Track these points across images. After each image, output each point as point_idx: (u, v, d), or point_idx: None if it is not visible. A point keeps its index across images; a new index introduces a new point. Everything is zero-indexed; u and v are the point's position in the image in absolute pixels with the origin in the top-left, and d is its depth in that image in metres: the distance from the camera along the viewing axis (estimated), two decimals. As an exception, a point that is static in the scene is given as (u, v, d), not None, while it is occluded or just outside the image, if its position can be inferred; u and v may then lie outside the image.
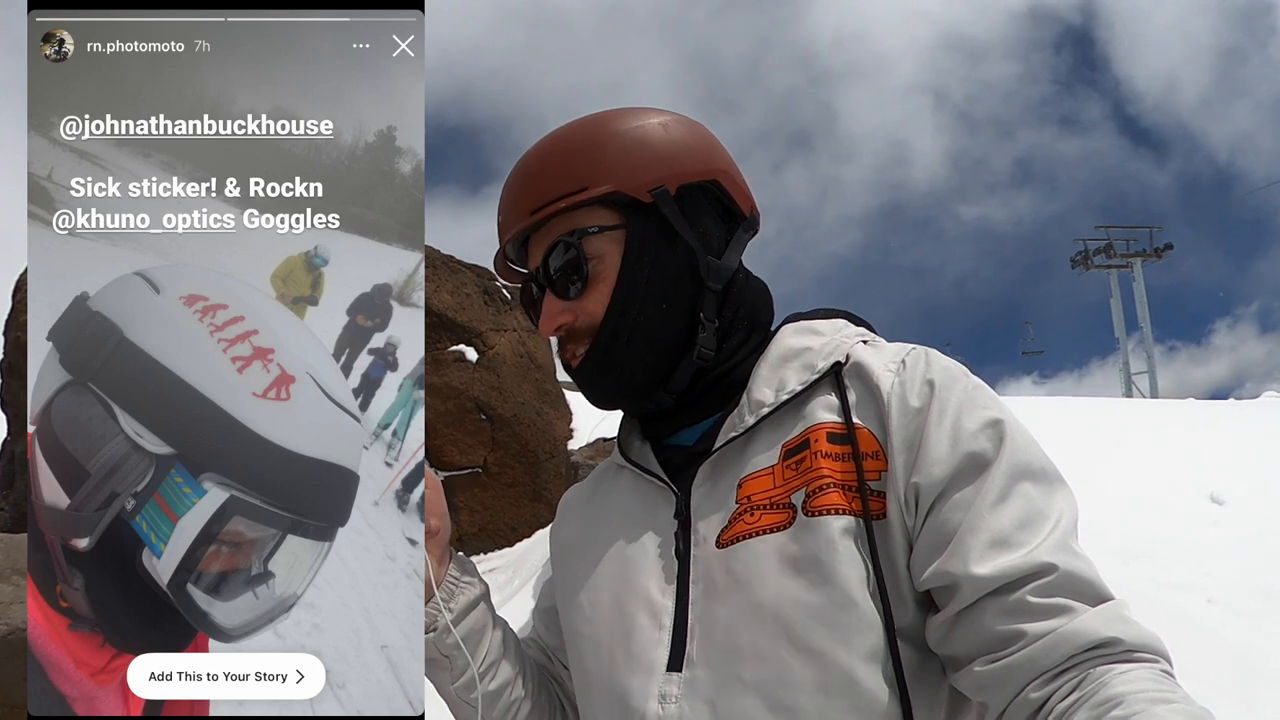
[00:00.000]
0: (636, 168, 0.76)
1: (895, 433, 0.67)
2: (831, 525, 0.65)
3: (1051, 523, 0.63)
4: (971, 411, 0.67)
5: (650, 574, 0.74)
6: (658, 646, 0.70)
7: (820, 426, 0.70)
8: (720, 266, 0.78)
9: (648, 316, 0.76)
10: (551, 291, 0.78)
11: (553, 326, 0.78)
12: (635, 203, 0.76)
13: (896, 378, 0.70)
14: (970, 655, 0.62)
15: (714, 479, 0.74)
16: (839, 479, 0.67)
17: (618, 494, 0.82)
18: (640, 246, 0.76)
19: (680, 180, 0.77)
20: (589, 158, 0.77)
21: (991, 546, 0.61)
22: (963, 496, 0.64)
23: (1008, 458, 0.65)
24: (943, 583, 0.63)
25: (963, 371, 0.71)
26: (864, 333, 0.79)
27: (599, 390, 0.80)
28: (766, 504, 0.69)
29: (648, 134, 0.78)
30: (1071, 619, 0.58)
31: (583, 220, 0.77)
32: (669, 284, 0.77)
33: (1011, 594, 0.60)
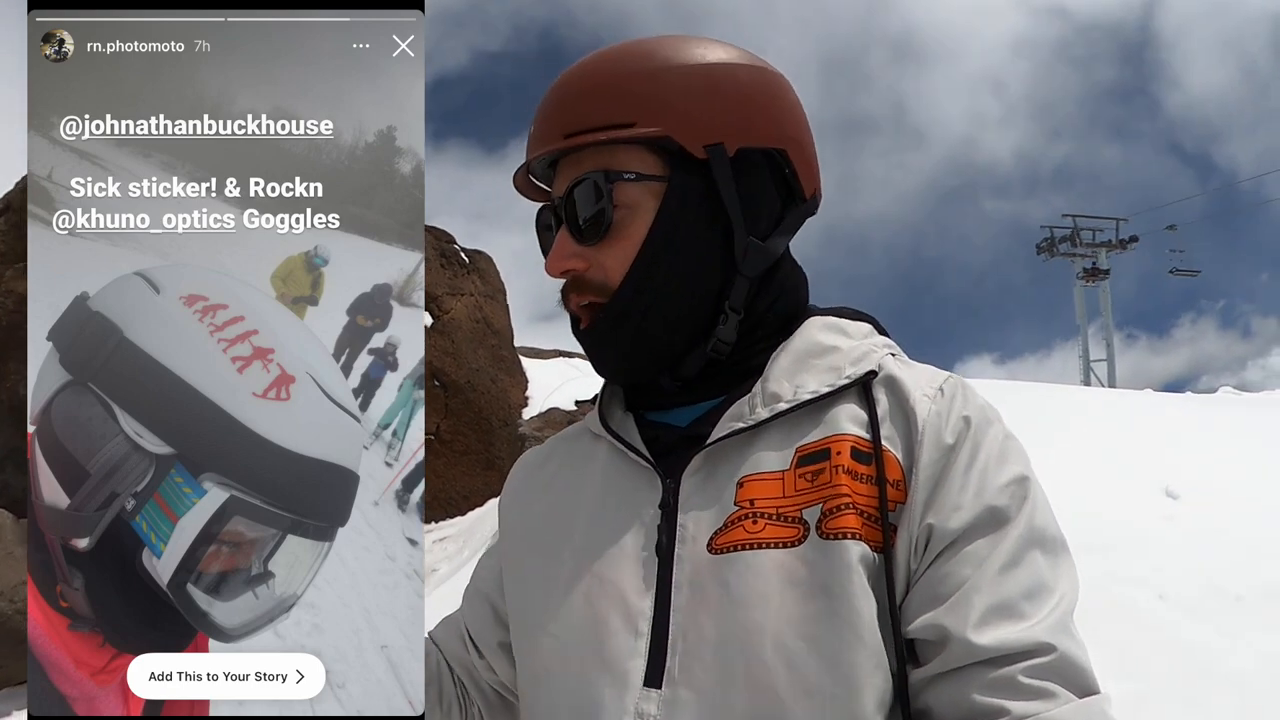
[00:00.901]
0: (696, 114, 0.67)
1: (923, 467, 0.62)
2: (849, 552, 0.60)
3: (1056, 598, 0.60)
4: (1001, 464, 0.63)
5: (626, 570, 0.66)
6: (633, 656, 0.63)
7: (844, 439, 0.64)
8: (762, 251, 0.70)
9: (669, 293, 0.68)
10: (569, 230, 0.69)
11: (560, 269, 0.70)
12: (685, 155, 0.67)
13: (933, 405, 0.65)
14: (944, 717, 0.58)
15: (709, 471, 0.66)
16: (860, 503, 0.62)
17: (591, 469, 0.73)
18: (679, 207, 0.68)
19: (742, 141, 0.68)
20: (644, 89, 0.67)
21: (994, 612, 0.58)
22: (974, 551, 0.60)
23: (1026, 520, 0.61)
24: (933, 636, 0.59)
25: (996, 414, 0.67)
26: (891, 344, 0.73)
27: (606, 360, 0.72)
28: (773, 514, 0.63)
29: (718, 77, 0.68)
30: (1055, 706, 0.55)
31: (621, 161, 0.68)
32: (700, 261, 0.69)
33: (1002, 668, 0.57)
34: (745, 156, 0.68)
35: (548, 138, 0.70)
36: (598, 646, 0.64)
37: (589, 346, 0.72)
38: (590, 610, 0.66)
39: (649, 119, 0.66)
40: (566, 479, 0.75)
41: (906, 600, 0.61)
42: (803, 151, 0.72)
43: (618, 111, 0.67)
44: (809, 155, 0.72)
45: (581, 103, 0.69)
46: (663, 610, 0.63)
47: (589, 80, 0.69)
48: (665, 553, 0.65)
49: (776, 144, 0.70)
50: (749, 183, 0.69)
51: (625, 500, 0.69)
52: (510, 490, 0.83)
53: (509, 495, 0.82)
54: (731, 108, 0.68)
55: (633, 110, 0.67)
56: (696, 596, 0.63)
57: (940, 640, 0.59)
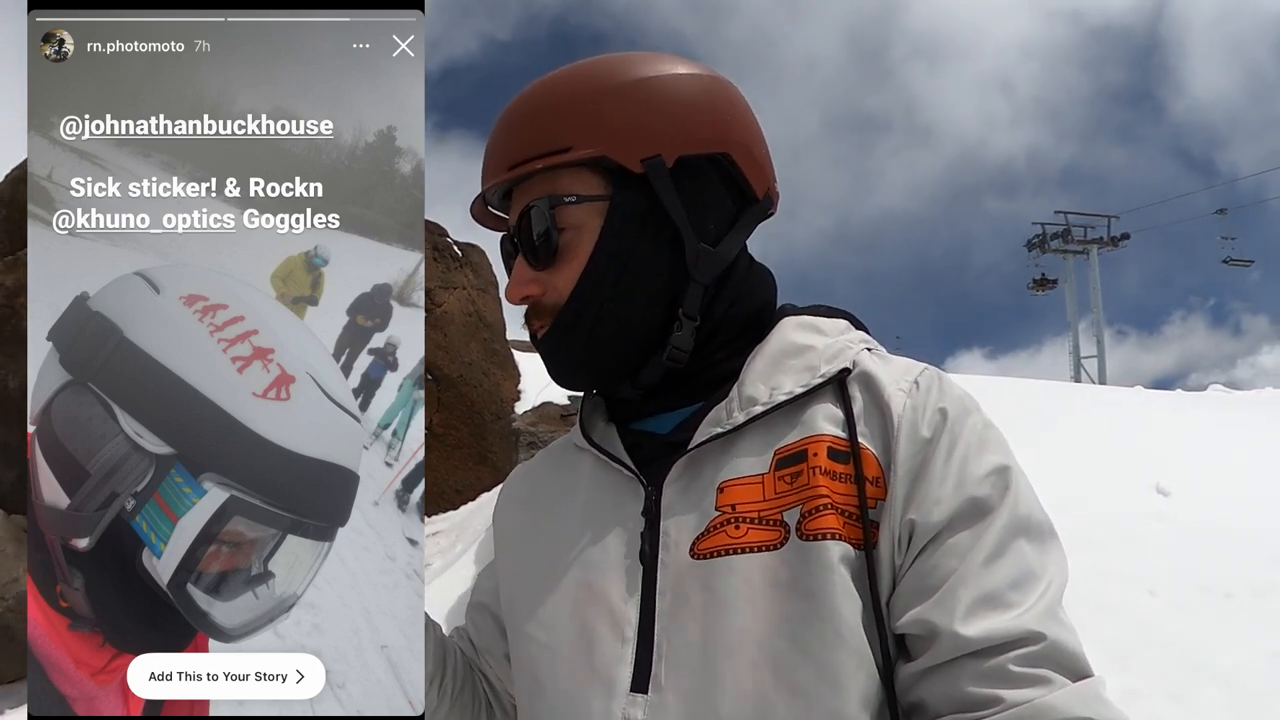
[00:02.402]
0: (631, 130, 0.67)
1: (901, 463, 0.62)
2: (829, 552, 0.60)
3: (1043, 585, 0.59)
4: (981, 454, 0.63)
5: (612, 578, 0.66)
6: (620, 663, 0.63)
7: (820, 439, 0.64)
8: (714, 256, 0.70)
9: (618, 305, 0.69)
10: (523, 256, 0.71)
11: (518, 296, 0.71)
12: (624, 171, 0.68)
13: (909, 399, 0.65)
14: (938, 710, 0.58)
15: (690, 477, 0.67)
16: (838, 502, 0.62)
17: (578, 481, 0.74)
18: (620, 224, 0.68)
19: (682, 150, 0.68)
20: (580, 113, 0.68)
21: (980, 603, 0.58)
22: (957, 543, 0.60)
23: (1009, 509, 0.61)
24: (921, 631, 0.59)
25: (974, 404, 0.66)
26: (867, 339, 0.73)
27: (558, 372, 0.73)
28: (754, 517, 0.63)
29: (652, 91, 0.68)
30: (1049, 691, 0.55)
31: (564, 185, 0.69)
32: (647, 272, 0.69)
33: (993, 658, 0.56)
34: (686, 165, 0.69)
35: (495, 170, 0.71)
36: (587, 654, 0.65)
37: (544, 356, 0.73)
38: (579, 619, 0.67)
39: (585, 141, 0.68)
40: (555, 491, 0.76)
41: (893, 596, 0.61)
42: (750, 153, 0.72)
43: (555, 137, 0.68)
44: (758, 156, 0.73)
45: (522, 132, 0.70)
46: (648, 616, 0.64)
47: (528, 109, 0.71)
48: (649, 560, 0.65)
49: (719, 149, 0.70)
50: (694, 190, 0.69)
51: (610, 509, 0.70)
52: (503, 504, 0.84)
53: (501, 509, 0.84)
54: (667, 119, 0.68)
55: (569, 134, 0.68)
56: (680, 602, 0.63)
57: (929, 635, 0.59)
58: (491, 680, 0.83)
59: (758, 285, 0.75)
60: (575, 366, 0.72)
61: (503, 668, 0.80)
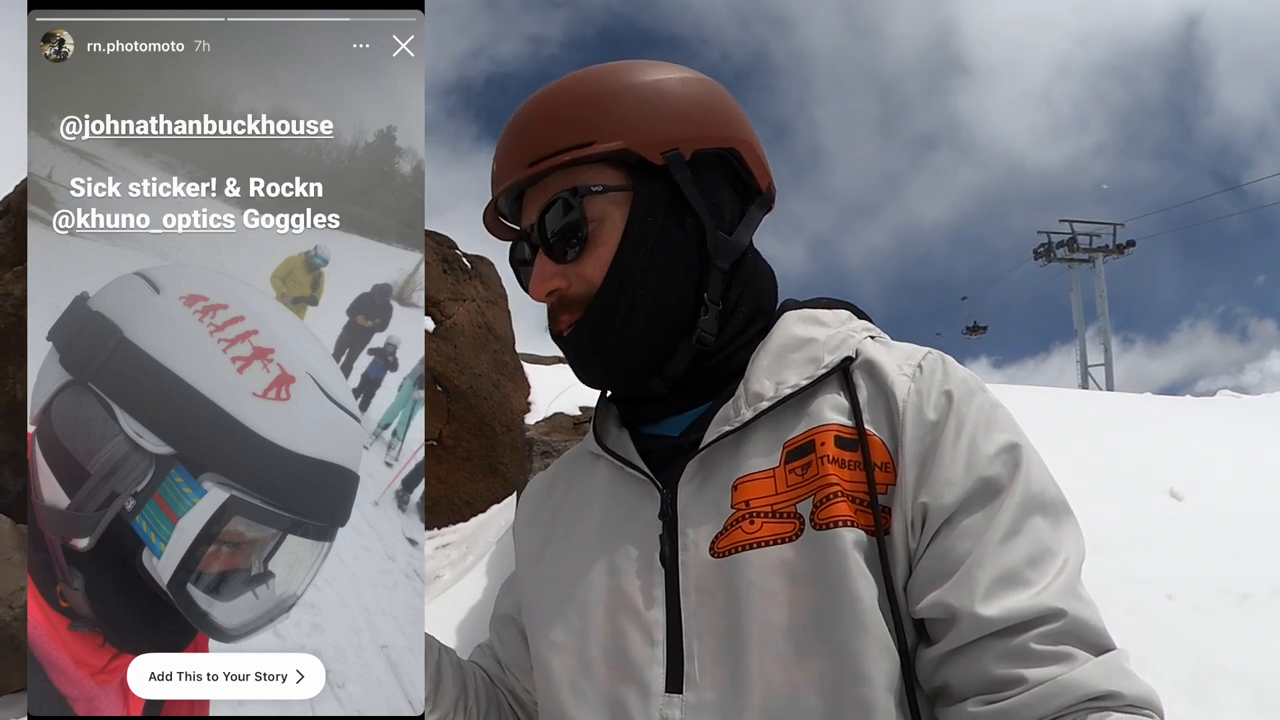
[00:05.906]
0: (650, 125, 0.70)
1: (908, 446, 0.63)
2: (843, 539, 0.60)
3: (1060, 561, 0.60)
4: (989, 433, 0.63)
5: (636, 582, 0.67)
6: (652, 664, 0.64)
7: (827, 428, 0.65)
8: (730, 244, 0.72)
9: (649, 290, 0.70)
10: (545, 253, 0.72)
11: (544, 291, 0.72)
12: (645, 164, 0.70)
13: (913, 384, 0.65)
14: (964, 692, 0.59)
15: (704, 477, 0.68)
16: (848, 489, 0.62)
17: (595, 488, 0.75)
18: (647, 212, 0.70)
19: (696, 145, 0.71)
20: (599, 109, 0.70)
21: (999, 583, 0.58)
22: (972, 524, 0.60)
23: (1022, 487, 0.61)
24: (941, 614, 0.59)
25: (979, 384, 0.67)
26: (870, 327, 0.74)
27: (589, 367, 0.73)
28: (768, 512, 0.64)
29: (666, 90, 0.71)
30: (1073, 667, 0.56)
31: (586, 178, 0.71)
32: (675, 257, 0.71)
33: (1015, 638, 0.57)
34: (700, 159, 0.72)
35: (512, 170, 0.72)
36: (620, 659, 0.66)
37: (572, 354, 0.74)
38: (610, 624, 0.67)
39: (607, 135, 0.70)
40: (573, 501, 0.77)
41: (911, 580, 0.62)
42: (753, 150, 0.75)
43: (576, 134, 0.70)
44: (759, 154, 0.76)
45: (541, 130, 0.72)
46: (675, 617, 0.65)
47: (545, 109, 0.73)
48: (670, 562, 0.66)
49: (728, 145, 0.73)
50: (708, 182, 0.72)
51: (629, 514, 0.71)
52: (521, 517, 0.85)
53: (520, 523, 0.84)
54: (682, 116, 0.71)
55: (590, 130, 0.70)
56: (704, 601, 0.64)
57: (949, 617, 0.59)
58: (519, 694, 0.84)
59: (764, 275, 0.77)
60: (608, 354, 0.72)
61: (531, 681, 0.79)
